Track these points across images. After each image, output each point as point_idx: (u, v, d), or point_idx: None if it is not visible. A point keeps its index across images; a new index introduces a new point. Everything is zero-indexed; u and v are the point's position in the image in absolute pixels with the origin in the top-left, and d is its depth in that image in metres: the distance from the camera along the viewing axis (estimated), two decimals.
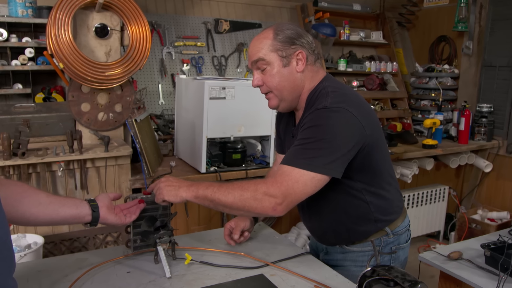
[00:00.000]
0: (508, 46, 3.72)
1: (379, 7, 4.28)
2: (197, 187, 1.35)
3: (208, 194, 1.33)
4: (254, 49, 1.41)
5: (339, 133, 1.29)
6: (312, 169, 1.27)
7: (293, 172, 1.28)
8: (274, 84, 1.41)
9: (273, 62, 1.39)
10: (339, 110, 1.31)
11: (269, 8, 3.93)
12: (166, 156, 2.90)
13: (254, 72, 1.45)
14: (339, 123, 1.30)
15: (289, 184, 1.28)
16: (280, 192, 1.28)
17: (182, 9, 3.55)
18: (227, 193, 1.31)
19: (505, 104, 3.78)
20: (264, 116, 2.59)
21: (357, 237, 1.50)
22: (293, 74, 1.41)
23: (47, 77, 2.82)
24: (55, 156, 2.09)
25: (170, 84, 3.38)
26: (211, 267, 1.42)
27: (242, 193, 1.30)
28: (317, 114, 1.33)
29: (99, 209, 1.28)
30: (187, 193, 1.35)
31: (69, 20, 2.15)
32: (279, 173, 1.31)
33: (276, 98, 1.45)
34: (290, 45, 1.39)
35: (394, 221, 1.50)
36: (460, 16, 3.88)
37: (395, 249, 1.50)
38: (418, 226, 3.74)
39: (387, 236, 1.49)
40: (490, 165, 3.84)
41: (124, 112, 2.46)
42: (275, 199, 1.28)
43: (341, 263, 1.54)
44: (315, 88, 1.43)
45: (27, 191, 1.17)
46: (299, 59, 1.40)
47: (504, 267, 1.45)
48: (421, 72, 4.12)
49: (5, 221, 0.87)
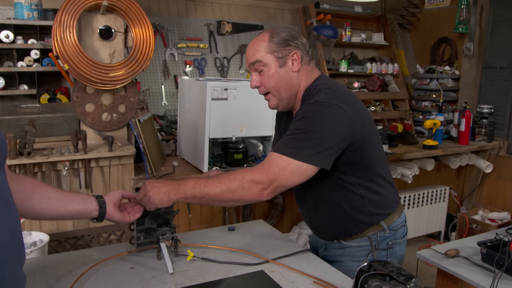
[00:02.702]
0: (508, 47, 3.75)
1: (380, 8, 4.31)
2: (185, 188, 1.37)
3: (197, 193, 1.36)
4: (251, 51, 1.47)
5: (329, 126, 1.34)
6: (299, 158, 1.32)
7: (280, 159, 1.34)
8: (271, 85, 1.47)
9: (270, 63, 1.45)
10: (330, 105, 1.36)
11: (271, 10, 3.97)
12: (169, 156, 2.93)
13: (252, 74, 1.50)
14: (329, 117, 1.35)
15: (275, 170, 1.33)
16: (267, 178, 1.33)
17: (185, 11, 3.59)
18: (215, 187, 1.35)
19: (505, 105, 3.80)
20: (265, 116, 2.62)
21: (353, 229, 1.53)
22: (289, 74, 1.46)
23: (52, 78, 2.86)
24: (60, 156, 2.13)
25: (173, 85, 3.42)
26: (212, 263, 1.46)
27: (229, 184, 1.34)
28: (309, 107, 1.38)
29: (106, 205, 1.32)
30: (176, 196, 1.38)
31: (74, 22, 2.20)
32: (267, 160, 1.37)
33: (275, 98, 1.50)
34: (285, 46, 1.44)
35: (390, 216, 1.54)
36: (461, 18, 3.90)
37: (392, 244, 1.54)
38: (418, 227, 3.76)
39: (383, 231, 1.53)
40: (490, 165, 3.85)
41: (127, 113, 2.50)
42: (261, 185, 1.34)
43: (339, 258, 1.58)
44: (309, 86, 1.49)
45: (37, 187, 1.20)
46: (294, 59, 1.46)
47: (500, 264, 1.48)
48: (422, 73, 4.15)
49: (16, 215, 0.91)
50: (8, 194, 0.90)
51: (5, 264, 0.85)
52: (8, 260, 0.86)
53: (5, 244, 0.84)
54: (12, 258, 0.88)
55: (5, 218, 0.85)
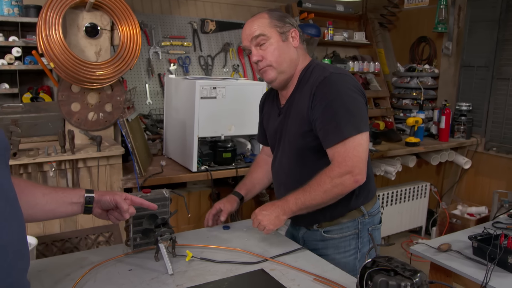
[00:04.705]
0: (485, 47, 3.86)
1: (361, 8, 4.37)
2: (289, 206, 1.47)
3: (301, 205, 1.45)
4: (253, 26, 1.52)
5: (355, 96, 1.46)
6: (358, 130, 1.42)
7: (346, 143, 1.41)
8: (274, 58, 1.52)
9: (273, 37, 1.51)
10: (343, 76, 1.48)
11: (254, 9, 3.96)
12: (155, 155, 2.90)
13: (252, 48, 1.54)
14: (351, 85, 1.47)
15: (350, 154, 1.40)
16: (350, 165, 1.40)
17: (168, 9, 3.55)
18: (314, 195, 1.44)
19: (482, 103, 3.91)
20: (253, 115, 2.60)
21: (336, 212, 1.57)
22: (291, 49, 1.54)
23: (33, 77, 2.79)
24: (47, 157, 2.08)
25: (157, 84, 3.38)
26: (211, 263, 1.45)
27: (323, 187, 1.42)
28: (324, 86, 1.46)
29: (92, 210, 1.29)
30: (286, 215, 1.48)
31: (59, 19, 2.14)
32: (336, 154, 1.42)
33: (274, 71, 1.54)
34: (284, 23, 1.53)
35: (370, 201, 1.60)
36: (440, 17, 4.00)
37: (371, 230, 1.60)
38: (401, 222, 3.84)
39: (363, 217, 1.59)
40: (469, 161, 3.97)
41: (114, 112, 2.46)
42: (350, 174, 1.40)
43: (323, 252, 1.60)
44: (306, 67, 1.57)
45: (23, 191, 1.15)
46: (293, 36, 1.54)
47: (491, 257, 1.52)
48: (403, 72, 4.23)
49: (22, 218, 0.88)
50: (14, 196, 0.87)
51: (13, 271, 0.82)
52: (16, 266, 0.83)
53: (13, 249, 0.82)
54: (19, 264, 0.85)
55: (13, 222, 0.83)
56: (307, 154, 1.55)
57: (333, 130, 1.42)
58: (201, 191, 2.83)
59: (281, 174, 1.66)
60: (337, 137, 1.42)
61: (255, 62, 1.54)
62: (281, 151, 1.64)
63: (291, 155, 1.59)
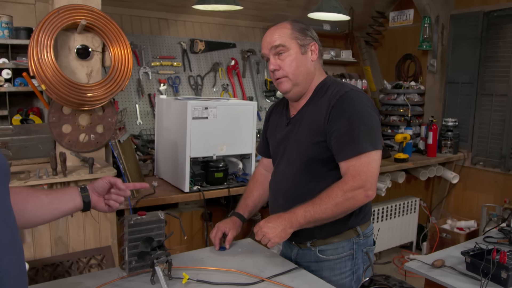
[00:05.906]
0: (468, 63, 3.95)
1: (347, 27, 4.46)
2: (297, 219, 1.46)
3: (310, 218, 1.45)
4: (274, 35, 1.54)
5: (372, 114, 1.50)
6: (374, 146, 1.45)
7: (362, 158, 1.43)
8: (292, 69, 1.54)
9: (293, 49, 1.52)
10: (361, 93, 1.52)
11: (242, 28, 4.02)
12: (146, 176, 2.89)
13: (271, 57, 1.56)
14: (369, 103, 1.51)
15: (365, 169, 1.42)
16: (364, 180, 1.42)
17: (158, 30, 3.58)
18: (324, 208, 1.44)
19: (468, 118, 3.99)
20: (245, 135, 2.64)
21: (331, 230, 1.56)
22: (308, 62, 1.56)
23: (23, 98, 2.77)
24: (39, 179, 2.05)
25: (147, 104, 3.38)
26: (208, 285, 1.44)
27: (334, 201, 1.43)
28: (343, 100, 1.48)
29: (90, 198, 1.32)
30: (292, 228, 1.47)
31: (51, 41, 2.14)
32: (350, 168, 1.44)
33: (289, 82, 1.56)
34: (305, 36, 1.54)
35: (366, 223, 1.62)
36: (425, 35, 4.10)
37: (366, 250, 1.61)
38: (392, 238, 3.86)
39: (358, 237, 1.59)
40: (457, 176, 4.02)
41: (105, 133, 2.45)
42: (363, 188, 1.41)
43: (318, 273, 1.58)
44: (322, 81, 1.60)
45: (28, 196, 1.21)
46: (313, 50, 1.56)
47: (485, 272, 1.54)
48: (390, 89, 4.30)
49: (21, 245, 0.88)
50: (14, 222, 0.87)
51: None
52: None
53: (14, 275, 0.81)
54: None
55: (14, 250, 0.82)
56: (315, 164, 1.55)
57: (350, 144, 1.44)
58: (193, 211, 2.82)
59: (282, 184, 1.64)
60: (353, 151, 1.44)
61: (271, 70, 1.57)
62: (285, 160, 1.63)
63: (299, 165, 1.58)
